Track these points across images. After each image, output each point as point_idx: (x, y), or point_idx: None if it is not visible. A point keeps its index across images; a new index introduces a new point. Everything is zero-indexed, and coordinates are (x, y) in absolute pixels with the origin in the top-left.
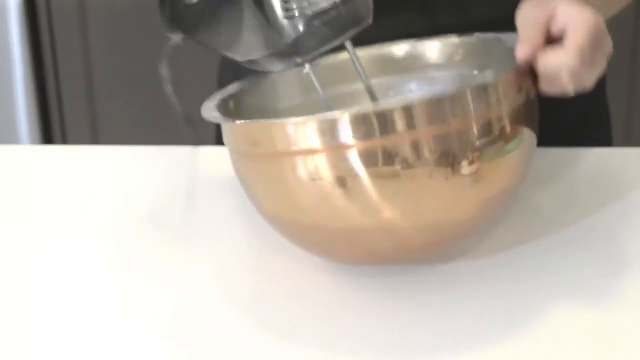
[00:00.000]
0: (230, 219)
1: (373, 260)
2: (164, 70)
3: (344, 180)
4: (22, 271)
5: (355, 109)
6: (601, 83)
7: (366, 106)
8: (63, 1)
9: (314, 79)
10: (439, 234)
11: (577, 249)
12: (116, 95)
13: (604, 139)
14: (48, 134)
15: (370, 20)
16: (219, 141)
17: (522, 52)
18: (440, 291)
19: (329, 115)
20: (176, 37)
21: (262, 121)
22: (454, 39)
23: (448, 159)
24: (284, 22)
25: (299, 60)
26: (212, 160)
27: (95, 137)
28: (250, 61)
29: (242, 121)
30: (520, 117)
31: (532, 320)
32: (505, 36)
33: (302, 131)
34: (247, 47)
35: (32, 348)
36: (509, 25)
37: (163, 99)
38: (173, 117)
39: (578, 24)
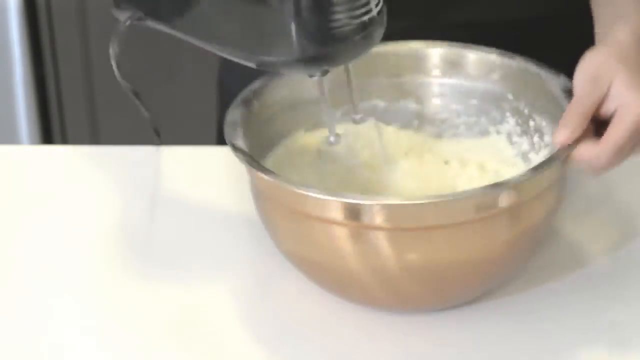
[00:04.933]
0: (232, 222)
1: (390, 306)
2: (113, 52)
3: (365, 250)
4: (22, 271)
5: (386, 200)
6: None
7: (395, 199)
8: (63, 1)
9: (324, 87)
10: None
11: (575, 250)
12: (116, 95)
13: None
14: (48, 134)
15: (383, 29)
16: (220, 141)
17: (561, 137)
18: (460, 333)
19: (358, 199)
20: (127, 17)
21: (287, 185)
22: (493, 56)
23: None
24: (325, 29)
25: (325, 68)
26: (213, 161)
27: (95, 137)
28: (260, 62)
29: (268, 177)
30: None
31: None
32: (546, 75)
33: (326, 206)
34: (256, 48)
35: (27, 347)
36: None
37: (165, 98)
38: (173, 117)
39: (626, 116)
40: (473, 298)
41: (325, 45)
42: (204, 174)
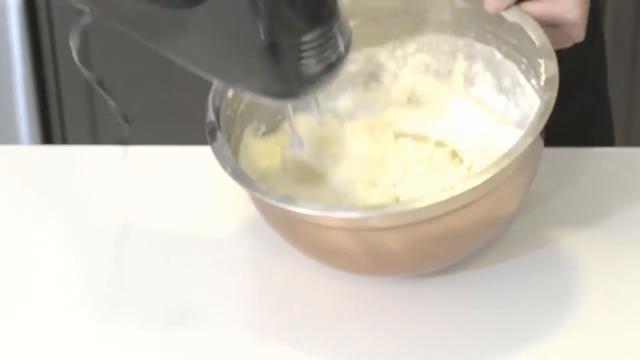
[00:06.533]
0: (230, 221)
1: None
2: (74, 44)
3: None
4: (22, 271)
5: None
6: (602, 81)
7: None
8: (63, 1)
9: (290, 113)
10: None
11: (574, 248)
12: (116, 95)
13: (605, 139)
14: (48, 134)
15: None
16: None
17: (491, 4)
18: (435, 301)
19: (351, 212)
20: (91, 16)
21: (275, 202)
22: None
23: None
24: (294, 67)
25: (290, 101)
26: (213, 160)
27: (95, 137)
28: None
29: (260, 195)
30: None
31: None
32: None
33: (314, 218)
34: (222, 70)
35: (29, 348)
36: None
37: (164, 98)
38: (174, 117)
39: (556, 3)
40: (449, 264)
41: (293, 86)
42: (201, 173)
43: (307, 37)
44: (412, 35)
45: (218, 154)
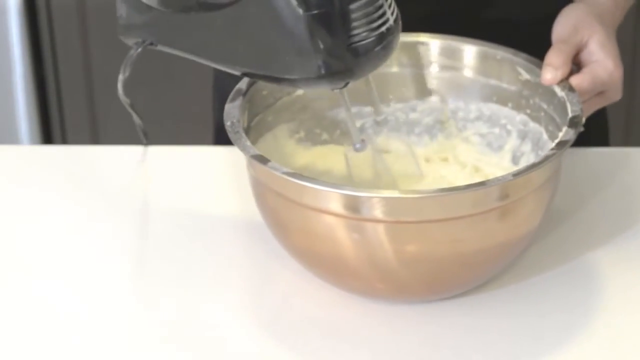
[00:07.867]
0: (231, 219)
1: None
2: (123, 76)
3: (364, 242)
4: (23, 271)
5: (384, 194)
6: None
7: (393, 192)
8: (63, 1)
9: (346, 98)
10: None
11: (574, 248)
12: (116, 95)
13: (600, 139)
14: (48, 134)
15: (399, 35)
16: (217, 141)
17: (549, 75)
18: (454, 323)
19: (357, 192)
20: (137, 43)
21: (293, 179)
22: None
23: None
24: (344, 45)
25: (348, 82)
26: (213, 160)
27: (95, 137)
28: (278, 79)
29: (275, 171)
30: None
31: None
32: (560, 90)
33: (328, 197)
34: (274, 66)
35: (30, 349)
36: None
37: (163, 98)
38: (173, 116)
39: (595, 70)
40: (468, 289)
41: (347, 61)
42: (201, 174)
43: (354, 5)
44: (477, 99)
45: (228, 112)
